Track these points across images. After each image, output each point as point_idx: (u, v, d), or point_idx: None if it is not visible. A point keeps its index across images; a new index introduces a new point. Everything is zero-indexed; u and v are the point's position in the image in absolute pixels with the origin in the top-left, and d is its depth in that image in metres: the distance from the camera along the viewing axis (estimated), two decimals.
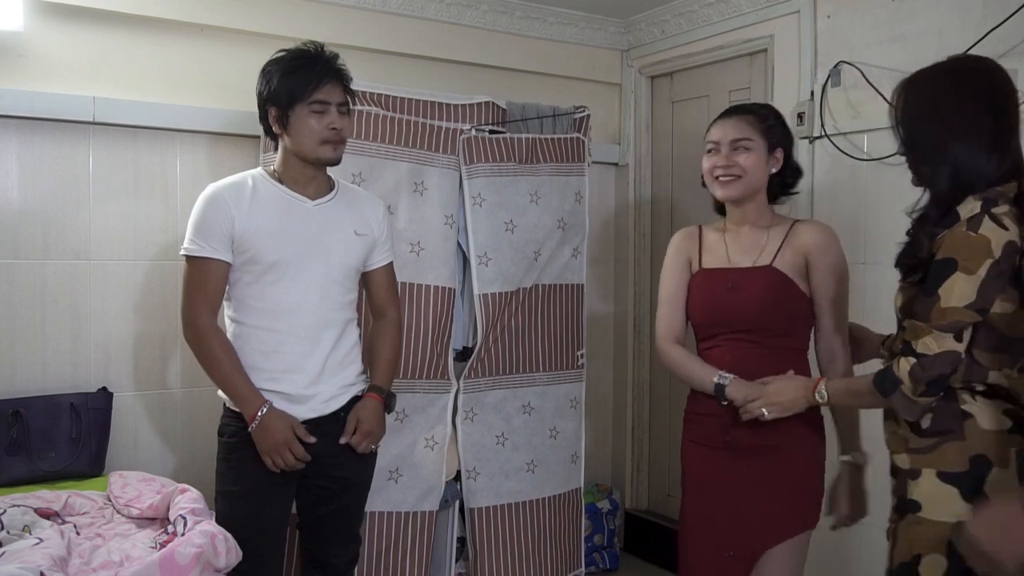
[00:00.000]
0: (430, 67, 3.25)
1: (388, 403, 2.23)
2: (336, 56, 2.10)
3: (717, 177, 2.07)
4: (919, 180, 1.70)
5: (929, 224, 1.63)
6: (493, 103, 2.90)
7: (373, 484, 2.60)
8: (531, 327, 2.94)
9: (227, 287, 2.09)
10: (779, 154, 2.07)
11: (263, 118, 2.11)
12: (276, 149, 2.15)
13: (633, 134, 3.76)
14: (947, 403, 1.65)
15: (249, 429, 2.01)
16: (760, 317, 2.01)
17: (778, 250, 2.03)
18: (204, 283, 2.04)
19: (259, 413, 2.00)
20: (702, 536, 2.10)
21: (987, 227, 1.55)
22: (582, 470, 3.11)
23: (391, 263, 2.30)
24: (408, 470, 2.71)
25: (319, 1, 2.99)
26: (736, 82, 3.34)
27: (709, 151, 2.10)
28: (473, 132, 2.83)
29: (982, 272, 1.54)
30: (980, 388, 1.63)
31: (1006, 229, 1.55)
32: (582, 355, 3.09)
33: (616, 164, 3.81)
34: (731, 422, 2.02)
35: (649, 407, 3.77)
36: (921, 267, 1.63)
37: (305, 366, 2.08)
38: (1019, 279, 1.57)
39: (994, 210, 1.56)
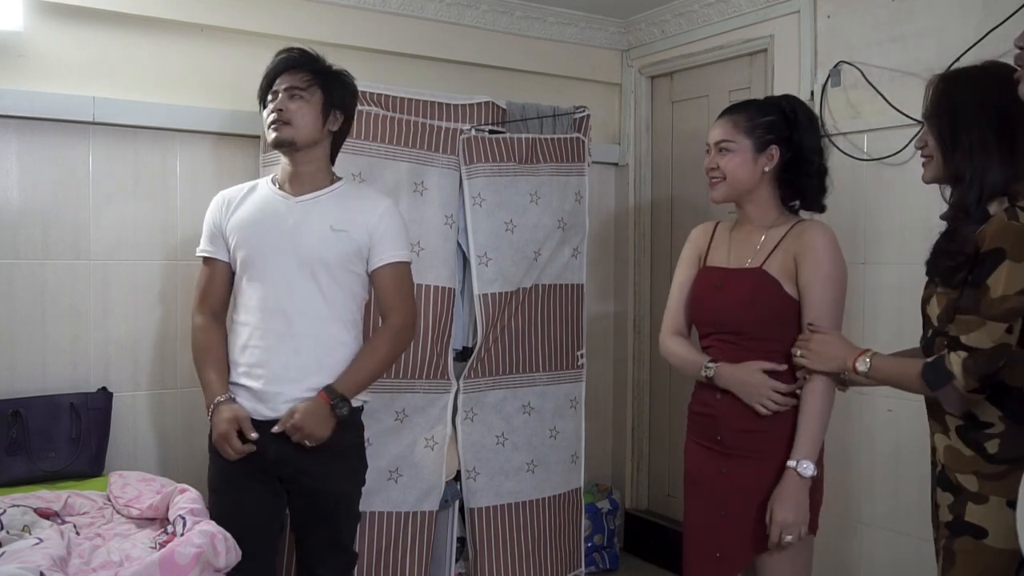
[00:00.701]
0: (430, 67, 3.25)
1: (336, 406, 2.05)
2: (305, 51, 2.16)
3: (710, 179, 2.09)
4: (950, 177, 1.68)
5: (972, 222, 1.61)
6: (493, 103, 2.89)
7: (373, 484, 2.61)
8: (531, 327, 2.94)
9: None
10: (773, 151, 2.02)
11: None
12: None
13: (633, 134, 3.76)
14: (1017, 427, 1.62)
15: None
16: (741, 319, 2.00)
17: (771, 252, 2.01)
18: (204, 282, 2.19)
19: (213, 403, 2.08)
20: (697, 535, 2.10)
21: None
22: (582, 470, 3.11)
23: (398, 264, 2.18)
24: (408, 470, 2.71)
25: (319, 1, 2.98)
26: (736, 82, 3.34)
27: (706, 152, 2.11)
28: (473, 132, 2.83)
29: None
30: None
31: None
32: (582, 355, 3.08)
33: (616, 164, 3.81)
34: (723, 422, 2.02)
35: (649, 407, 3.77)
36: (965, 266, 1.60)
37: (269, 361, 2.08)
38: None
39: (1019, 204, 1.57)
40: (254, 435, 2.04)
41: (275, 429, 2.04)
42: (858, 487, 2.77)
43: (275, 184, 2.19)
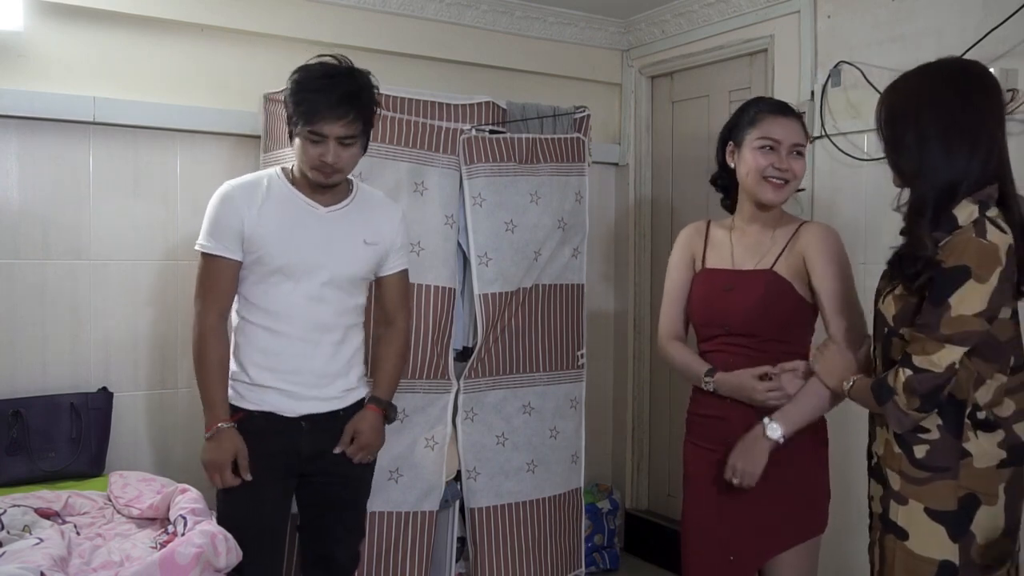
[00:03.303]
0: (430, 67, 3.25)
1: (388, 415, 2.24)
2: (355, 89, 2.01)
3: (768, 178, 1.99)
4: (901, 179, 1.69)
5: (926, 225, 1.59)
6: (493, 103, 2.89)
7: (373, 484, 2.61)
8: (531, 327, 2.94)
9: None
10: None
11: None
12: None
13: (633, 134, 3.76)
14: (951, 439, 1.63)
15: (205, 435, 2.04)
16: (755, 321, 1.99)
17: (781, 253, 2.00)
18: (215, 280, 2.06)
19: (217, 427, 2.02)
20: (702, 538, 2.08)
21: (992, 233, 1.54)
22: (582, 470, 3.11)
23: (405, 271, 2.29)
24: (408, 470, 2.71)
25: (319, 1, 2.98)
26: (736, 82, 3.34)
27: (763, 147, 1.97)
28: (473, 132, 2.82)
29: (993, 280, 1.53)
30: (982, 416, 1.62)
31: (1005, 232, 1.55)
32: (582, 355, 3.08)
33: (616, 164, 3.81)
34: (735, 425, 2.01)
35: (649, 407, 3.77)
36: (925, 272, 1.59)
37: (304, 368, 2.09)
38: (1019, 285, 1.59)
39: (988, 213, 1.56)
40: (249, 477, 2.04)
41: (337, 450, 2.14)
42: (858, 487, 2.77)
43: (291, 183, 2.10)
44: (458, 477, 2.82)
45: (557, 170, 2.97)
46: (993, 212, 1.58)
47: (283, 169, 2.15)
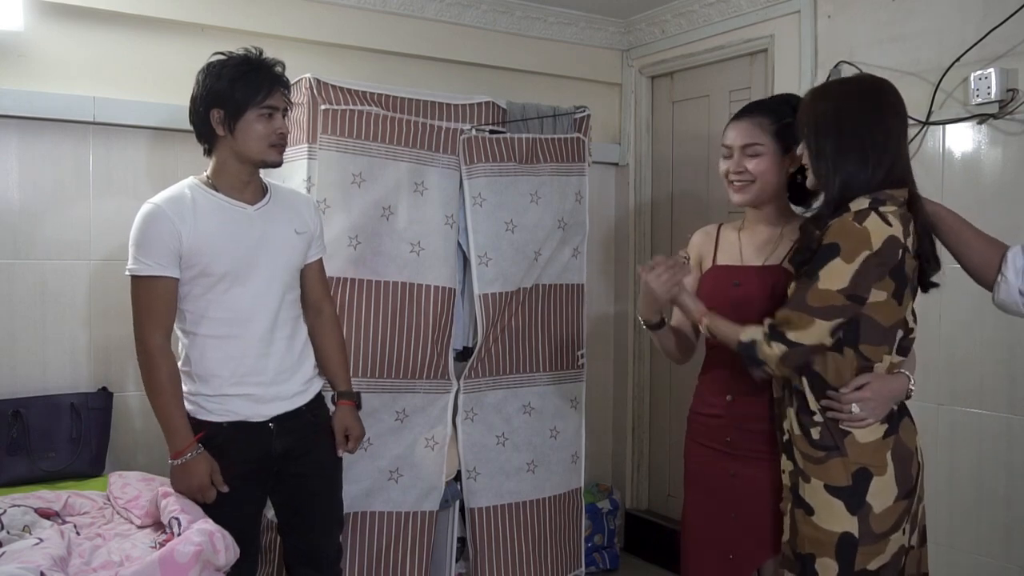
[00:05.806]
0: (430, 67, 3.26)
1: (359, 404, 2.34)
2: (280, 63, 2.13)
3: (731, 182, 2.04)
4: (817, 182, 1.81)
5: (823, 221, 1.75)
6: (493, 103, 2.89)
7: (373, 484, 2.62)
8: (531, 327, 2.94)
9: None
10: (796, 153, 1.94)
11: (202, 120, 2.07)
12: (209, 153, 2.12)
13: (633, 134, 3.76)
14: (834, 420, 1.78)
15: (169, 462, 2.02)
16: (762, 316, 1.96)
17: (790, 250, 1.99)
18: (155, 302, 2.05)
19: (189, 454, 2.00)
20: (701, 537, 2.08)
21: (871, 221, 1.68)
22: (582, 470, 3.11)
23: (322, 258, 2.33)
24: (408, 470, 2.71)
25: (319, 1, 2.99)
26: (736, 82, 3.34)
27: (723, 155, 2.05)
28: (473, 132, 2.82)
29: (857, 262, 1.67)
30: None
31: (889, 225, 1.68)
32: (582, 355, 3.08)
33: (616, 164, 3.81)
34: (733, 423, 2.01)
35: (649, 407, 3.77)
36: (811, 258, 1.74)
37: (264, 368, 2.11)
38: (901, 272, 1.71)
39: (881, 208, 1.70)
40: (225, 488, 2.04)
41: (340, 453, 2.27)
42: None
43: (212, 189, 2.09)
44: (458, 477, 2.82)
45: (557, 170, 2.97)
46: (889, 208, 1.70)
47: (197, 178, 2.12)
